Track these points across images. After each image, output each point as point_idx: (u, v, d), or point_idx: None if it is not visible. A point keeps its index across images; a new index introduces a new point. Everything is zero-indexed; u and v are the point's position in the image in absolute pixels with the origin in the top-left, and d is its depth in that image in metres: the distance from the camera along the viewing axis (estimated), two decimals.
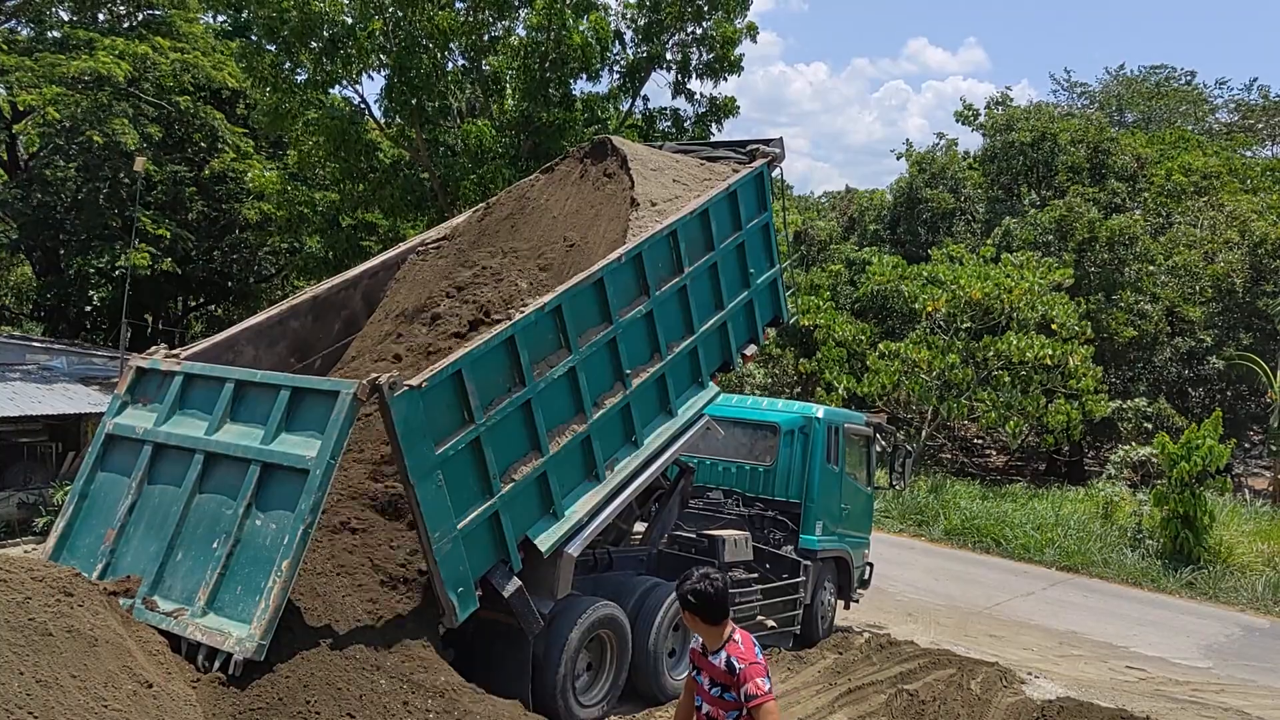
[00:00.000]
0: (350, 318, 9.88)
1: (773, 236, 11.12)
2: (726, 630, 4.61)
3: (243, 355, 8.67)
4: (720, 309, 10.20)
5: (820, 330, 27.74)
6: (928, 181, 35.05)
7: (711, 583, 4.59)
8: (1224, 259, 31.02)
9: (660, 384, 9.32)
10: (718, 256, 10.00)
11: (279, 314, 9.23)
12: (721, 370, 10.61)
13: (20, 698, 4.68)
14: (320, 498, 6.33)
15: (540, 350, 7.86)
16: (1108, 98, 49.76)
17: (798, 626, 11.79)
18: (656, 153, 11.30)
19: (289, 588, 6.10)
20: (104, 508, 7.20)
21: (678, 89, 25.06)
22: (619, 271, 8.61)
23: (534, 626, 7.76)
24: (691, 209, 9.56)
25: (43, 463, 17.61)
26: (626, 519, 10.16)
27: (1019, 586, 18.08)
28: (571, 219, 10.00)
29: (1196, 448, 19.39)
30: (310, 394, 6.78)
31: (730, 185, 10.22)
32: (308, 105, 22.97)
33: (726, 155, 11.51)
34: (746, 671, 4.44)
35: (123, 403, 7.69)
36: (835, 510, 12.59)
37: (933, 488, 24.97)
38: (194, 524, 6.70)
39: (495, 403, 7.40)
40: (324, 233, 26.28)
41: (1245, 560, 19.76)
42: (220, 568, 6.35)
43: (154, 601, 6.37)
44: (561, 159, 11.15)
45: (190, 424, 7.16)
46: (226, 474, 6.76)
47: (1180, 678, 12.91)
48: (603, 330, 8.47)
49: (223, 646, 5.97)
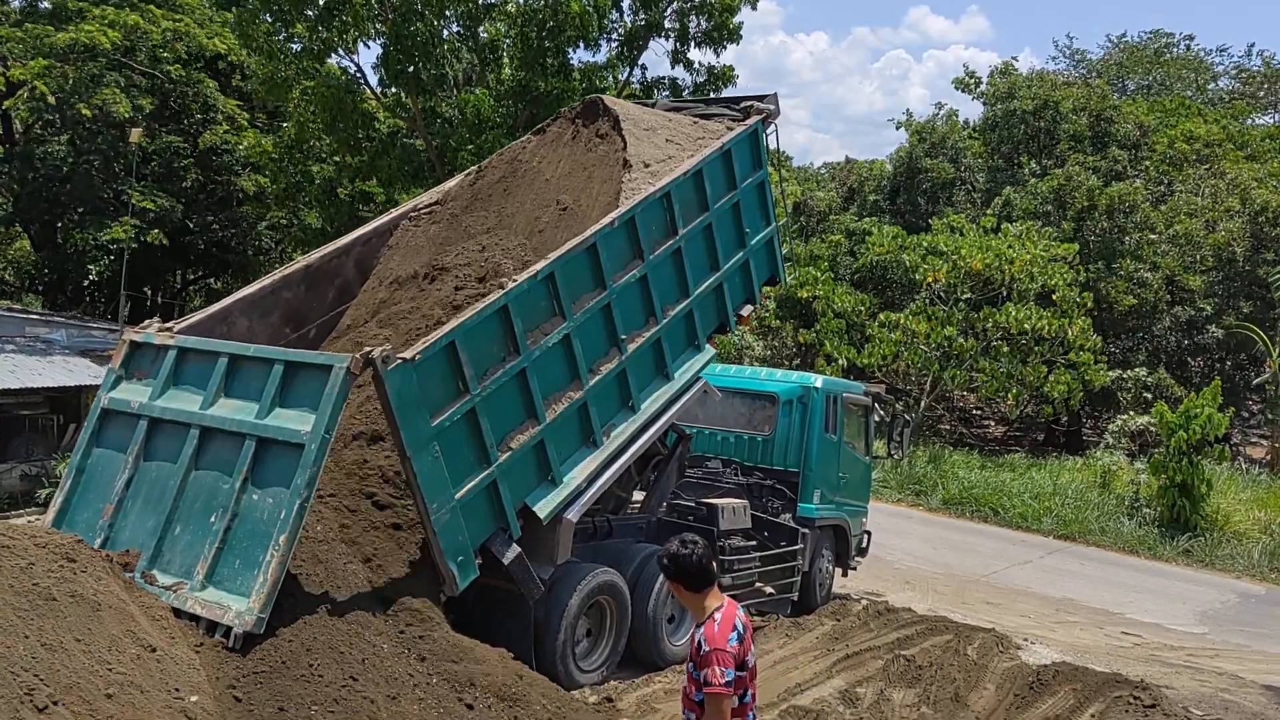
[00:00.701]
0: (344, 286, 9.75)
1: (768, 194, 10.96)
2: (710, 603, 4.46)
3: (236, 327, 8.57)
4: (716, 270, 10.06)
5: (819, 301, 27.70)
6: (928, 151, 34.88)
7: (690, 548, 4.46)
8: (1225, 227, 30.93)
9: (656, 348, 9.24)
10: (712, 217, 9.84)
11: (272, 284, 9.10)
12: (718, 332, 10.49)
13: (25, 661, 4.73)
14: (316, 472, 6.32)
15: (534, 318, 7.78)
16: (1108, 65, 49.44)
17: (796, 593, 11.85)
18: (649, 112, 11.11)
19: (287, 561, 6.12)
20: (101, 482, 7.18)
21: (676, 58, 24.90)
22: (612, 236, 8.48)
23: (534, 592, 7.80)
24: (685, 170, 9.39)
25: (44, 435, 17.68)
26: (625, 487, 10.18)
27: (1016, 555, 18.19)
28: (564, 181, 9.86)
29: (1195, 416, 19.45)
30: (304, 368, 6.72)
31: (724, 144, 10.03)
32: (303, 74, 22.83)
33: (721, 112, 11.33)
34: (710, 656, 4.29)
35: (117, 377, 7.63)
36: (833, 479, 12.65)
37: (931, 458, 25.06)
38: (191, 498, 6.69)
39: (490, 372, 7.35)
40: (321, 204, 26.22)
41: (1242, 528, 19.90)
42: (218, 542, 6.35)
43: (153, 575, 6.38)
44: (553, 120, 10.94)
45: (185, 398, 7.12)
46: (222, 448, 6.73)
47: (1175, 643, 13.02)
48: (597, 296, 8.38)
49: (222, 620, 5.99)
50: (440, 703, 6.04)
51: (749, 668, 4.46)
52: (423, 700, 5.97)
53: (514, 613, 7.92)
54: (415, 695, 5.98)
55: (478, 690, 6.31)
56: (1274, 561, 18.37)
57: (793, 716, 8.05)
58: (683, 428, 10.66)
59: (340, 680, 5.78)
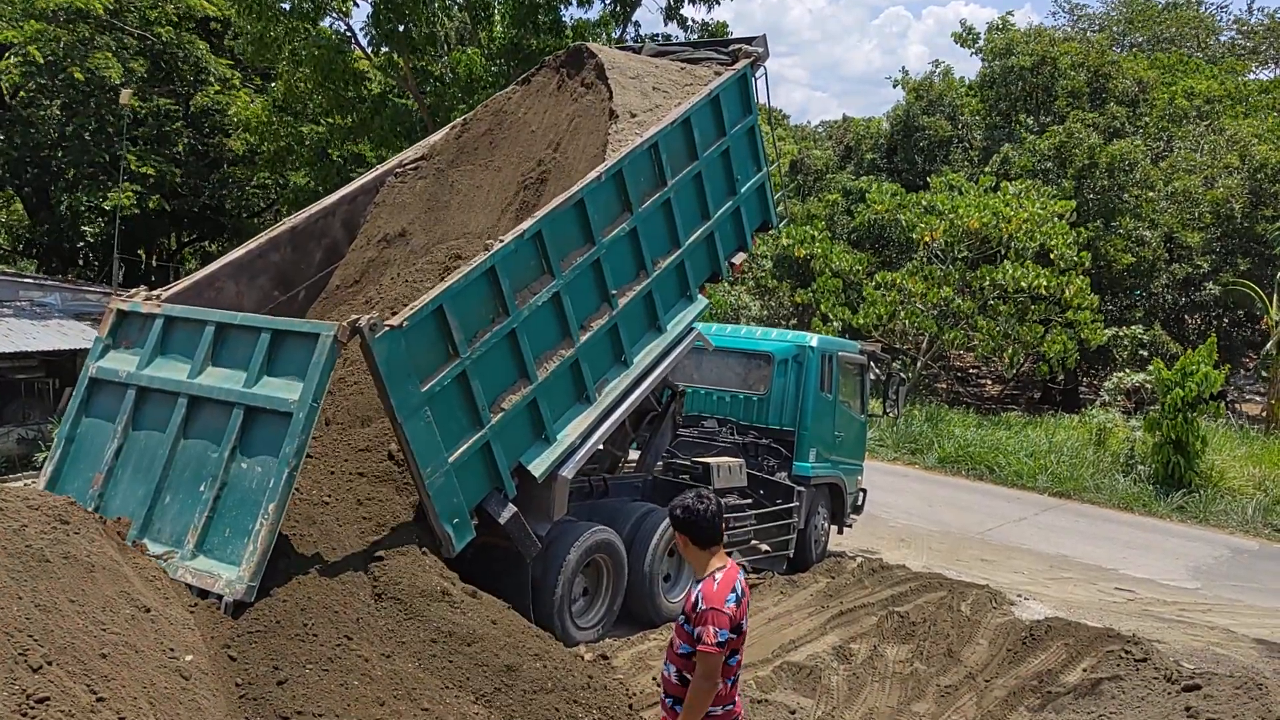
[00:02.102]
0: (331, 246, 9.64)
1: (759, 139, 10.82)
2: (712, 562, 4.50)
3: (225, 292, 8.48)
4: (707, 219, 9.96)
5: (817, 261, 27.57)
6: (925, 109, 34.59)
7: (704, 502, 4.51)
8: (1224, 184, 30.77)
9: (647, 301, 9.17)
10: (702, 165, 9.72)
11: (258, 247, 8.99)
12: (710, 281, 10.43)
13: (20, 622, 4.73)
14: (304, 440, 6.30)
15: (522, 278, 7.71)
16: (1109, 20, 48.90)
17: (791, 550, 11.93)
18: (635, 59, 10.90)
19: (276, 530, 6.13)
20: (91, 451, 7.17)
21: (670, 14, 24.59)
22: (599, 190, 8.36)
23: (531, 550, 7.84)
24: (673, 119, 9.22)
25: (40, 398, 17.68)
26: (620, 445, 10.20)
27: (1011, 512, 18.28)
28: (550, 133, 9.72)
29: (1191, 374, 19.46)
30: (291, 336, 6.68)
31: (712, 90, 9.86)
32: (294, 34, 22.53)
33: (709, 56, 11.15)
34: (706, 614, 4.31)
35: (105, 345, 7.61)
36: (829, 437, 12.69)
37: (928, 416, 25.10)
38: (180, 467, 6.69)
39: (479, 335, 7.31)
40: (312, 166, 26.00)
41: (1236, 484, 19.98)
42: (208, 510, 6.36)
43: (143, 544, 6.39)
44: (538, 69, 10.73)
45: (173, 367, 7.10)
46: (210, 417, 6.72)
47: (1168, 598, 13.12)
48: (586, 252, 8.30)
49: (213, 589, 6.02)
50: (435, 660, 6.07)
51: (742, 631, 4.49)
52: (418, 657, 6.01)
53: (511, 570, 7.95)
54: (409, 653, 6.01)
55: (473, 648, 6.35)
56: (1267, 517, 18.48)
57: (787, 672, 8.13)
58: (676, 384, 10.65)
59: (335, 639, 5.81)
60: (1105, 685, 7.90)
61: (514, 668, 6.20)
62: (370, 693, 5.59)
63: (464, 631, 6.33)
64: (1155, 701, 7.53)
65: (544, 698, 6.13)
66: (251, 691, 5.48)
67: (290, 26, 22.36)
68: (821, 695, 7.84)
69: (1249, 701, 7.14)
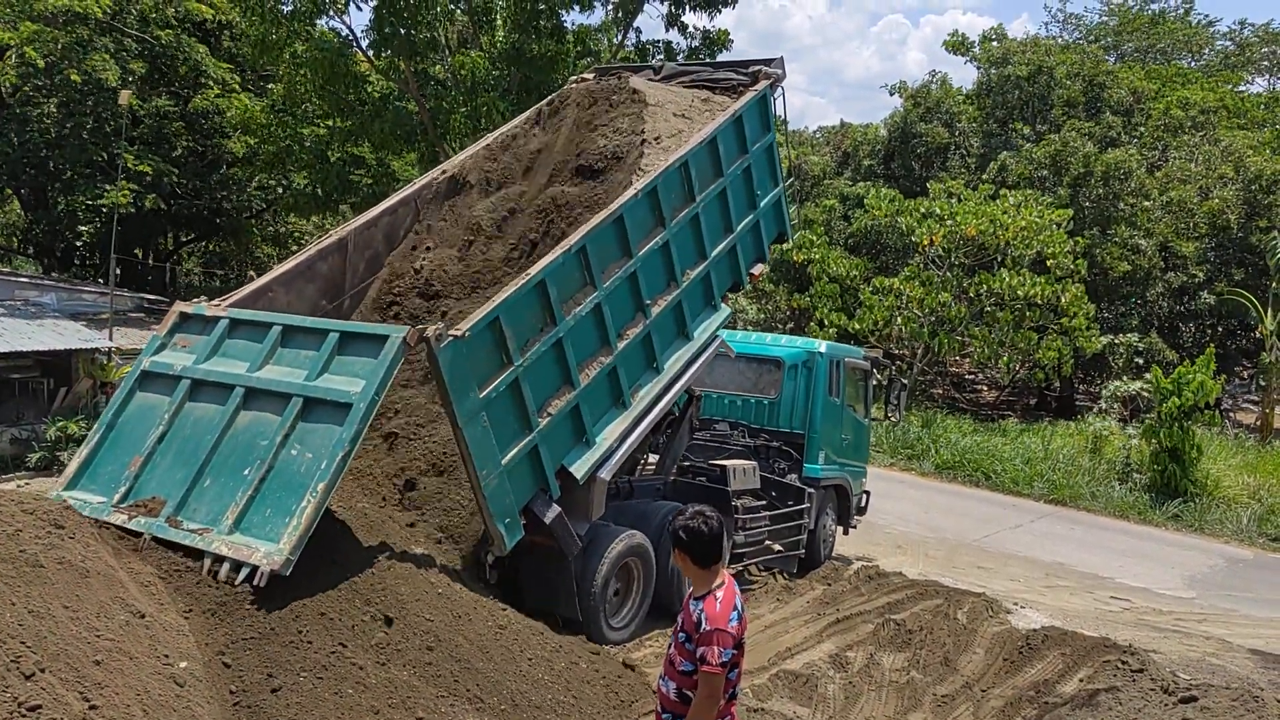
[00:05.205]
0: (373, 257, 10.01)
1: (776, 156, 11.40)
2: (714, 580, 4.41)
3: (276, 301, 8.80)
4: (730, 232, 10.50)
5: (814, 266, 27.61)
6: (922, 116, 34.67)
7: (706, 521, 4.41)
8: (1218, 195, 30.85)
9: (677, 310, 9.68)
10: (726, 182, 10.27)
11: (307, 259, 9.36)
12: (732, 290, 11.01)
13: (13, 628, 4.69)
14: (362, 429, 6.54)
15: (568, 289, 8.18)
16: (1103, 30, 49.03)
17: (802, 550, 12.16)
18: (658, 87, 11.49)
19: (320, 511, 6.24)
20: (132, 438, 7.30)
21: (671, 21, 24.59)
22: (636, 206, 8.86)
23: (573, 548, 8.23)
24: (702, 137, 9.79)
25: (35, 398, 17.58)
26: (640, 448, 10.47)
27: (1007, 519, 18.28)
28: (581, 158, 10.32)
29: (1188, 383, 19.47)
30: (359, 338, 7.06)
31: (735, 111, 10.40)
32: (295, 36, 22.48)
33: (728, 76, 11.69)
34: (711, 635, 4.25)
35: (161, 343, 7.86)
36: (836, 440, 12.94)
37: (924, 423, 25.10)
38: (226, 453, 6.85)
39: (530, 343, 7.76)
40: (312, 168, 25.93)
41: (1231, 493, 19.98)
42: (251, 491, 6.49)
43: (178, 521, 6.47)
44: (559, 99, 11.47)
45: (231, 363, 7.37)
46: (265, 407, 6.95)
47: (1164, 607, 13.11)
48: (624, 264, 8.81)
49: (249, 560, 6.05)
50: (430, 667, 6.04)
51: (742, 647, 4.47)
52: (412, 665, 5.98)
53: (554, 569, 8.32)
54: (403, 660, 5.98)
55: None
56: (1262, 526, 18.48)
57: (783, 681, 8.11)
58: (692, 389, 10.93)
59: (329, 647, 5.77)
60: (1102, 696, 7.87)
61: (510, 674, 6.17)
62: (365, 700, 5.55)
63: (458, 639, 6.30)
64: (1152, 713, 7.49)
65: (541, 702, 6.10)
66: (246, 699, 5.44)
67: (292, 29, 22.30)
68: (818, 704, 7.82)
69: (1246, 714, 7.10)
